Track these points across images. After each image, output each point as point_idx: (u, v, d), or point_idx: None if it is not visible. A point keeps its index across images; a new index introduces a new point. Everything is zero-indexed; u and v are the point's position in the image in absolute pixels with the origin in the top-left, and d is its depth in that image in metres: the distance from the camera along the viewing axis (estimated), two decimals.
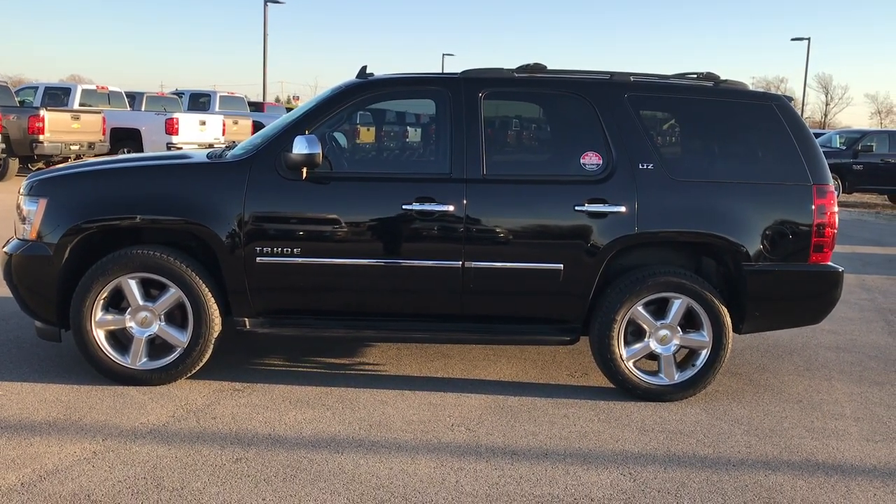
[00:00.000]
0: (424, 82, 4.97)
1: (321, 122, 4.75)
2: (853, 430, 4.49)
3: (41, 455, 3.71)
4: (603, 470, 3.82)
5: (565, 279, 4.68)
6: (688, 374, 4.78)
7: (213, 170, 4.72)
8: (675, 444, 4.17)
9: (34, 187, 4.70)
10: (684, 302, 4.71)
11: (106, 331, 4.63)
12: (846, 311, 7.40)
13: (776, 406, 4.82)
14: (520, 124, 5.66)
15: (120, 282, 4.57)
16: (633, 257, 4.87)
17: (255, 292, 4.66)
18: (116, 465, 3.65)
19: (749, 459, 4.02)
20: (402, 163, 5.63)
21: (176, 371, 4.66)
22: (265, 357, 5.37)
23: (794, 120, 4.87)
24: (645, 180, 4.68)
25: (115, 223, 4.60)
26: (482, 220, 4.64)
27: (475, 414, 4.47)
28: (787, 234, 4.74)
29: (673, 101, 5.01)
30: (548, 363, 5.46)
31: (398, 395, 4.71)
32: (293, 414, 4.36)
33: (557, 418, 4.46)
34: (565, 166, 4.81)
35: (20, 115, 15.99)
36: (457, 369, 5.25)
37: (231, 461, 3.74)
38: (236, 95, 25.73)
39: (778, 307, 4.87)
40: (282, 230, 4.60)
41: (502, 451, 3.99)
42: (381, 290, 4.74)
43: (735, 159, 4.92)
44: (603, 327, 4.70)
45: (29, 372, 4.85)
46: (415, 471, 3.72)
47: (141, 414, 4.26)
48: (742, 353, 5.91)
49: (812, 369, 5.62)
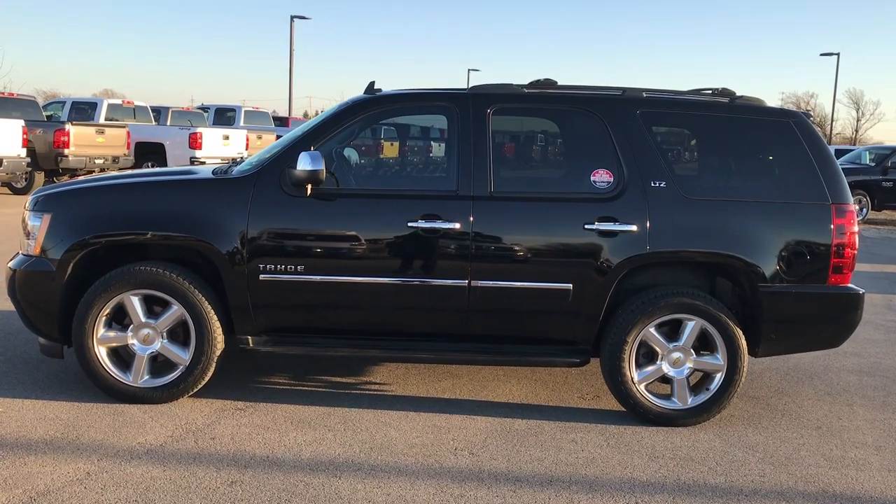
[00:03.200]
0: (432, 98, 4.89)
1: (328, 137, 4.69)
2: (874, 459, 4.31)
3: (34, 475, 3.65)
4: (609, 499, 3.69)
5: (575, 299, 4.56)
6: (701, 399, 4.64)
7: (217, 186, 4.67)
8: (686, 471, 4.03)
9: (39, 202, 4.69)
10: (698, 324, 4.57)
11: (108, 348, 4.59)
12: (871, 333, 7.19)
13: (793, 433, 4.65)
14: (529, 141, 5.57)
15: (122, 298, 4.53)
16: (645, 277, 4.75)
17: (258, 310, 4.59)
18: (109, 486, 3.58)
19: (762, 489, 3.86)
20: (408, 179, 5.55)
21: (178, 389, 4.60)
22: (270, 375, 5.30)
23: (812, 137, 4.72)
24: (657, 198, 4.55)
25: (121, 239, 4.56)
26: (489, 239, 4.54)
27: (480, 438, 4.36)
28: (804, 255, 4.59)
29: (687, 117, 4.90)
30: (559, 385, 5.33)
31: (402, 417, 4.61)
32: (293, 435, 4.27)
33: (565, 443, 4.33)
34: (575, 184, 4.70)
35: (46, 129, 16.21)
36: (465, 390, 5.14)
37: (226, 484, 3.66)
38: (261, 110, 25.96)
39: (795, 330, 4.71)
40: (285, 247, 4.54)
41: (505, 478, 3.87)
42: (386, 308, 4.65)
43: (751, 177, 4.79)
44: (614, 349, 4.58)
45: (32, 388, 4.81)
46: (413, 497, 3.61)
47: (139, 433, 4.20)
48: (760, 375, 5.74)
49: (833, 394, 5.43)
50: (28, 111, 16.71)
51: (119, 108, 19.98)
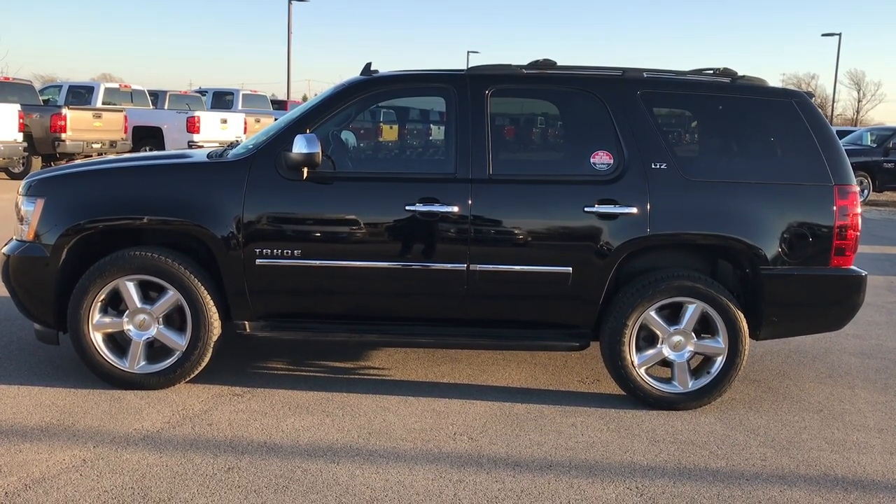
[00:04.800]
0: (429, 79, 4.82)
1: (323, 120, 4.62)
2: (876, 442, 4.28)
3: (29, 462, 3.62)
4: (609, 483, 3.66)
5: (574, 283, 4.52)
6: (702, 382, 4.60)
7: (213, 170, 4.61)
8: (687, 455, 4.00)
9: (32, 187, 4.63)
10: (699, 307, 4.52)
11: (104, 334, 4.55)
12: (872, 315, 7.15)
13: (795, 416, 4.62)
14: (528, 123, 5.50)
15: (118, 284, 4.48)
16: (646, 260, 4.69)
17: (255, 295, 4.54)
18: (105, 473, 3.55)
19: (764, 473, 3.83)
20: (405, 162, 5.50)
21: (174, 375, 4.56)
22: (268, 360, 5.26)
23: (815, 118, 4.66)
24: (657, 180, 4.50)
25: (116, 224, 4.51)
26: (488, 222, 4.49)
27: (479, 422, 4.33)
28: (806, 237, 4.54)
29: (688, 98, 4.83)
30: (559, 368, 5.30)
31: (401, 402, 4.58)
32: (291, 421, 4.24)
33: (564, 427, 4.30)
34: (575, 166, 4.64)
35: (43, 113, 16.11)
36: (464, 374, 5.11)
37: (223, 470, 3.63)
38: (259, 94, 25.82)
39: (797, 313, 4.67)
40: (282, 231, 4.49)
41: (504, 462, 3.84)
42: (384, 293, 4.61)
43: (753, 158, 4.73)
44: (614, 333, 4.53)
45: (28, 375, 4.78)
46: (411, 482, 3.59)
47: (136, 420, 4.16)
48: (761, 358, 5.71)
49: (835, 376, 5.40)
50: (24, 95, 16.60)
51: (116, 92, 19.86)
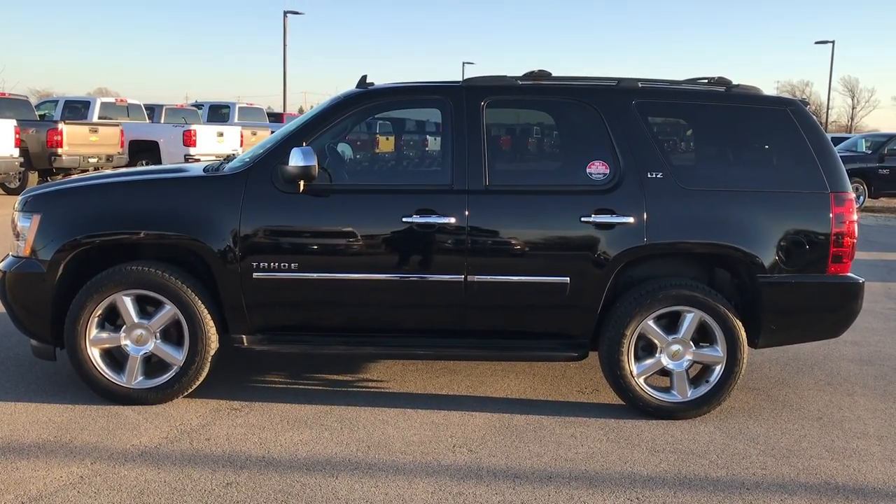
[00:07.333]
0: (425, 91, 4.83)
1: (320, 133, 4.63)
2: (876, 449, 4.27)
3: (26, 480, 3.60)
4: (609, 494, 3.65)
5: (572, 293, 4.51)
6: (701, 391, 4.59)
7: (209, 183, 4.61)
8: (687, 465, 3.98)
9: (28, 203, 4.62)
10: (697, 316, 4.52)
11: (101, 349, 4.53)
12: (870, 322, 7.15)
13: (795, 424, 4.61)
14: (524, 133, 5.51)
15: (115, 299, 4.47)
16: (643, 269, 4.69)
17: (252, 308, 4.53)
18: (102, 490, 3.53)
19: (764, 482, 3.82)
20: (402, 174, 5.50)
21: (172, 390, 4.54)
22: (266, 374, 5.24)
23: (810, 126, 4.67)
24: (654, 190, 4.50)
25: (112, 239, 4.50)
26: (485, 233, 4.49)
27: (478, 434, 4.31)
28: (803, 245, 4.54)
29: (683, 107, 4.84)
30: (558, 379, 5.29)
31: (400, 414, 4.56)
32: (290, 435, 4.22)
33: (564, 438, 4.29)
34: (571, 176, 4.65)
35: (39, 128, 16.11)
36: (463, 385, 5.10)
37: (221, 486, 3.61)
38: (255, 106, 25.87)
39: (795, 320, 4.67)
40: (278, 244, 4.48)
41: (504, 474, 3.82)
42: (382, 305, 4.60)
43: (749, 167, 4.74)
44: (612, 342, 4.53)
45: (24, 391, 4.76)
46: (411, 496, 3.57)
47: (133, 435, 4.14)
48: (760, 366, 5.70)
49: (834, 384, 5.39)
50: (20, 111, 16.59)
51: (112, 106, 19.87)
